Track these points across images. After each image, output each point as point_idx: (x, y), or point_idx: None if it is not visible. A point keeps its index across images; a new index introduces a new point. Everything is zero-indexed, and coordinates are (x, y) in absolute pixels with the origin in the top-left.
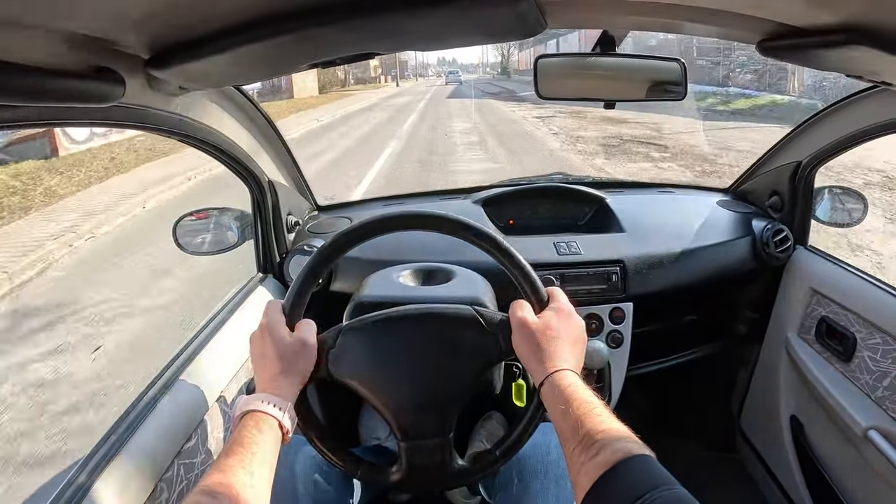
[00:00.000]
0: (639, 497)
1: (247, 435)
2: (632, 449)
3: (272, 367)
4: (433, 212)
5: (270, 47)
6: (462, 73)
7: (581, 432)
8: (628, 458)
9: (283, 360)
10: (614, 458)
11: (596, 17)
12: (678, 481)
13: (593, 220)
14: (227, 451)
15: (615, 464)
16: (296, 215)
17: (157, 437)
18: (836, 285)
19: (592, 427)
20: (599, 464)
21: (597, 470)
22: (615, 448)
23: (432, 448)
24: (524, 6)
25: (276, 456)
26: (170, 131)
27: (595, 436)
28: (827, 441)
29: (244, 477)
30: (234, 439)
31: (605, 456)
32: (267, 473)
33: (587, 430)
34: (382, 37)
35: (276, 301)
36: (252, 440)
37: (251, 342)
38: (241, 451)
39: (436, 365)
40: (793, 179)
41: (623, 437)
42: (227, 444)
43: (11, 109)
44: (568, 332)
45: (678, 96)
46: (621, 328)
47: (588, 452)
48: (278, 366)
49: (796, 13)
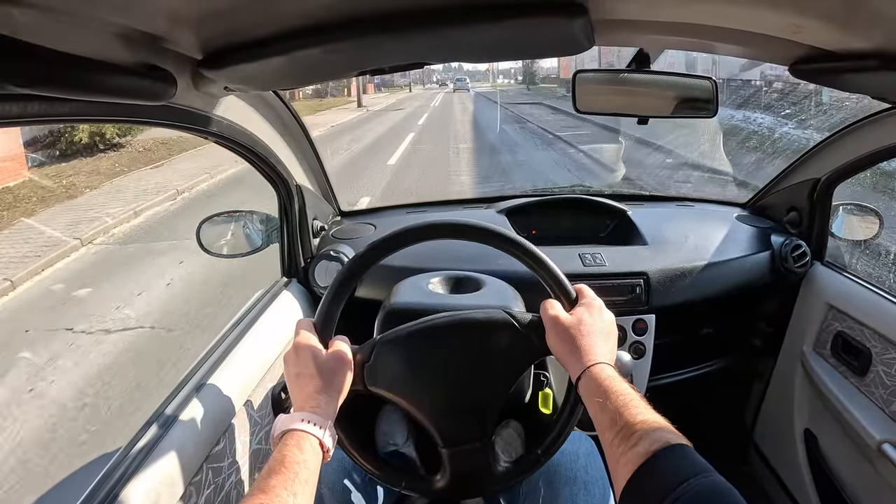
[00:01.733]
0: (678, 485)
1: (288, 455)
2: (670, 439)
3: (309, 385)
4: (458, 220)
5: (326, 53)
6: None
7: (619, 423)
8: (667, 447)
9: (321, 377)
10: (653, 447)
11: (638, 36)
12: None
13: (615, 232)
14: (269, 470)
15: (654, 453)
16: (321, 220)
17: (187, 440)
18: (852, 301)
19: (630, 418)
20: (639, 454)
21: (636, 460)
22: (654, 438)
23: (475, 452)
24: (579, 24)
25: (317, 475)
26: (210, 132)
27: (633, 427)
28: (841, 455)
29: (287, 497)
30: (275, 459)
31: (644, 446)
32: (309, 493)
33: (626, 422)
34: (436, 48)
35: (307, 319)
36: (294, 460)
37: (285, 362)
38: (283, 472)
39: (473, 370)
40: (811, 196)
41: (661, 427)
42: (268, 464)
43: (64, 103)
44: (601, 326)
45: (709, 114)
46: (644, 339)
47: (627, 443)
48: (315, 384)
49: (831, 38)
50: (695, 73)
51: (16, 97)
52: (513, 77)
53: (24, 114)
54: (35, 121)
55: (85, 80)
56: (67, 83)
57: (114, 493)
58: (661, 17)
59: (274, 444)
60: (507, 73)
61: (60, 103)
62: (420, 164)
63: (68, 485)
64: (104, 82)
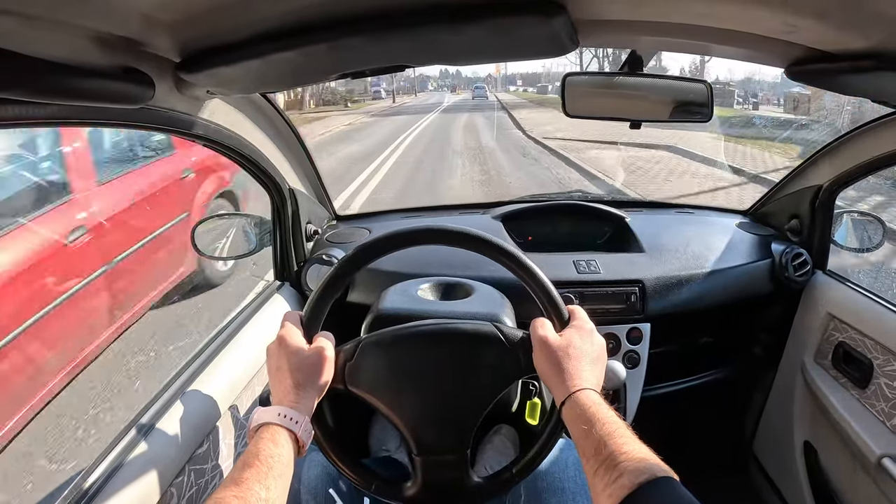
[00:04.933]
0: None
1: (263, 448)
2: (656, 472)
3: (289, 379)
4: (454, 227)
5: (303, 55)
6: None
7: (604, 453)
8: (652, 480)
9: (301, 372)
10: (638, 480)
11: (626, 38)
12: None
13: (612, 239)
14: (243, 463)
15: (639, 486)
16: (315, 224)
17: (169, 442)
18: (854, 311)
19: (615, 448)
20: (623, 486)
21: (620, 492)
22: (639, 470)
23: (448, 463)
24: (559, 23)
25: (291, 469)
26: (195, 135)
27: (618, 457)
28: (840, 468)
29: (260, 491)
30: (249, 452)
31: (628, 478)
32: (282, 487)
33: (610, 452)
34: (415, 50)
35: (294, 312)
36: (268, 453)
37: (268, 354)
38: (257, 465)
39: (455, 381)
40: (813, 203)
41: (646, 458)
42: (242, 457)
43: (41, 107)
44: (590, 350)
45: (704, 118)
46: (638, 348)
47: (611, 474)
48: (295, 378)
49: (827, 38)
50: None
51: None
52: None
53: (1, 117)
54: (11, 124)
55: (60, 84)
56: (41, 88)
57: (93, 492)
58: (649, 17)
59: (250, 437)
60: (510, 78)
61: (37, 107)
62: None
63: (44, 485)
64: (80, 86)
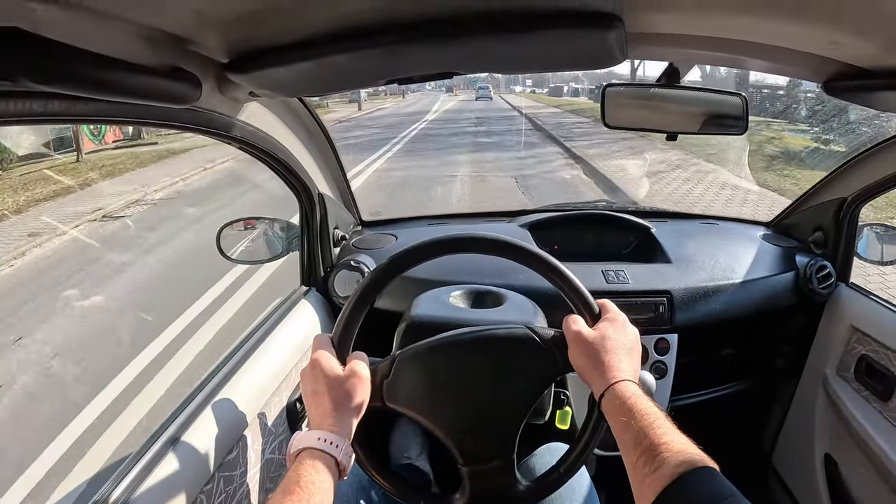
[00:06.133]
0: None
1: (304, 474)
2: (696, 461)
3: (326, 403)
4: (481, 234)
5: (353, 60)
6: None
7: (644, 444)
8: (692, 469)
9: (338, 395)
10: (678, 470)
11: (670, 51)
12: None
13: (638, 250)
14: (285, 490)
15: (680, 475)
16: (342, 230)
17: (199, 448)
18: (877, 324)
19: (655, 439)
20: (663, 476)
21: (661, 482)
22: (679, 460)
23: (495, 470)
24: (614, 36)
25: (332, 495)
26: (233, 138)
27: (658, 448)
28: (863, 482)
29: None
30: (290, 479)
31: (668, 468)
32: None
33: (650, 442)
34: (467, 58)
35: (325, 336)
36: (309, 480)
37: (302, 378)
38: (297, 492)
39: (494, 387)
40: (837, 216)
41: (686, 448)
42: (283, 483)
43: (88, 103)
44: (625, 342)
45: (739, 131)
46: (666, 359)
47: (651, 465)
48: (332, 402)
49: (868, 56)
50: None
51: (37, 94)
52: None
53: (46, 112)
54: (56, 119)
55: (107, 79)
56: (89, 82)
57: (121, 500)
58: (696, 31)
59: (290, 462)
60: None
61: (83, 102)
62: None
63: (78, 488)
64: (127, 83)
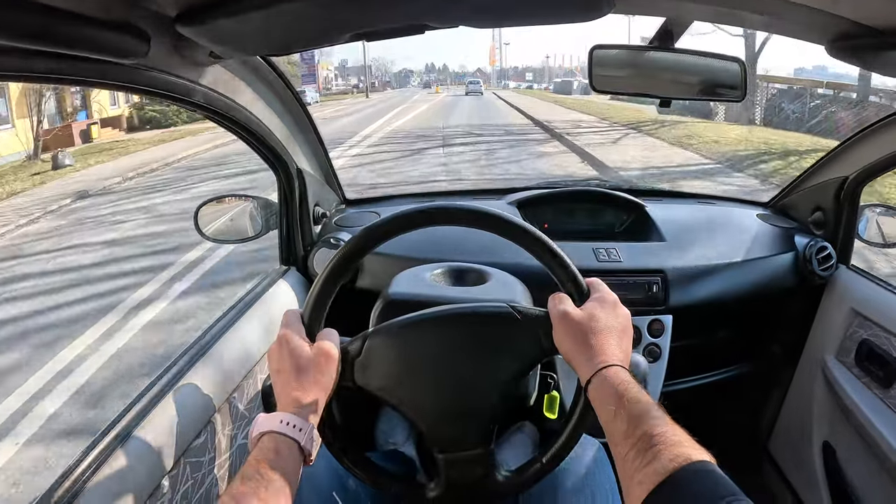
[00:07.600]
0: None
1: (264, 459)
2: (691, 455)
3: (291, 383)
4: (461, 205)
5: (312, 8)
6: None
7: (635, 435)
8: (687, 464)
9: (304, 374)
10: (672, 465)
11: (664, 4)
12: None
13: (631, 228)
14: (243, 476)
15: (673, 472)
16: (323, 207)
17: (163, 432)
18: (879, 307)
19: (648, 430)
20: (656, 471)
21: (653, 478)
22: (673, 454)
23: (473, 460)
24: None
25: (296, 481)
26: (195, 103)
27: (650, 440)
28: (861, 469)
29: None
30: (250, 463)
31: (661, 462)
32: (284, 502)
33: (641, 433)
34: (437, 7)
35: (295, 310)
36: (269, 465)
37: (269, 357)
38: (256, 479)
39: (472, 370)
40: (838, 196)
41: (681, 441)
42: (243, 468)
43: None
44: (615, 324)
45: (736, 98)
46: (660, 341)
47: (643, 458)
48: (298, 381)
49: (877, 11)
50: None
51: None
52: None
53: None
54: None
55: (38, 25)
56: (32, 31)
57: (81, 482)
58: None
59: (252, 446)
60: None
61: (33, 60)
62: None
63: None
64: (71, 33)
